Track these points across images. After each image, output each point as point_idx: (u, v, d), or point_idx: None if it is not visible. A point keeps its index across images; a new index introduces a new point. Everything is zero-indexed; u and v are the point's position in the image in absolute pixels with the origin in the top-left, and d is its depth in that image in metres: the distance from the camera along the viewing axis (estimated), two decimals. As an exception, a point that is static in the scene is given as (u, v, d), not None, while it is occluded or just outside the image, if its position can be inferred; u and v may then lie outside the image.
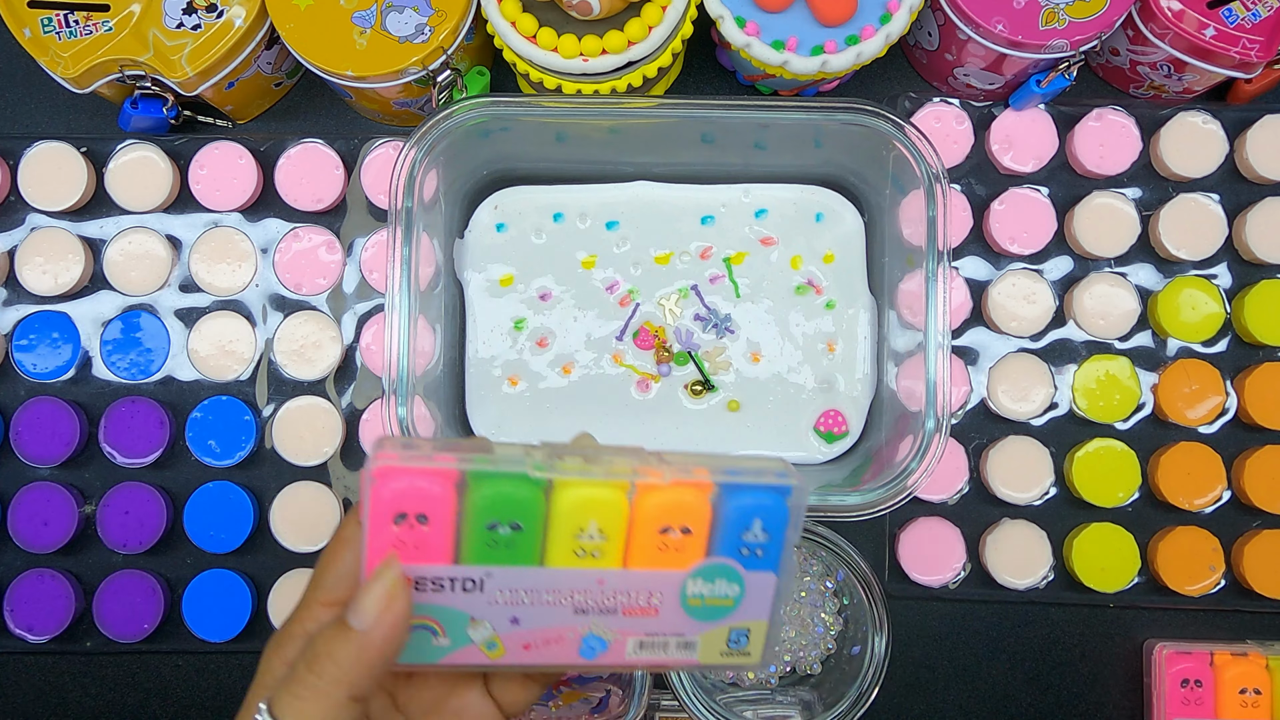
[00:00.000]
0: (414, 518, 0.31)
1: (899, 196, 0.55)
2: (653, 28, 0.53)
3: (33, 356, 0.61)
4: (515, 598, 0.33)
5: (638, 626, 0.34)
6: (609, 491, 0.33)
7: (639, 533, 0.33)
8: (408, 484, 0.31)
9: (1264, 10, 0.55)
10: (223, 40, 0.55)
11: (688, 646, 0.35)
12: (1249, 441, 0.61)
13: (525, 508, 0.32)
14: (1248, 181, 0.62)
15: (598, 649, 0.34)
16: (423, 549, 0.32)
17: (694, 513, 0.33)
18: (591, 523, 0.33)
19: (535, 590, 0.33)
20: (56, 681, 0.62)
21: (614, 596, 0.34)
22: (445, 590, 0.32)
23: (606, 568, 0.33)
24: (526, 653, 0.34)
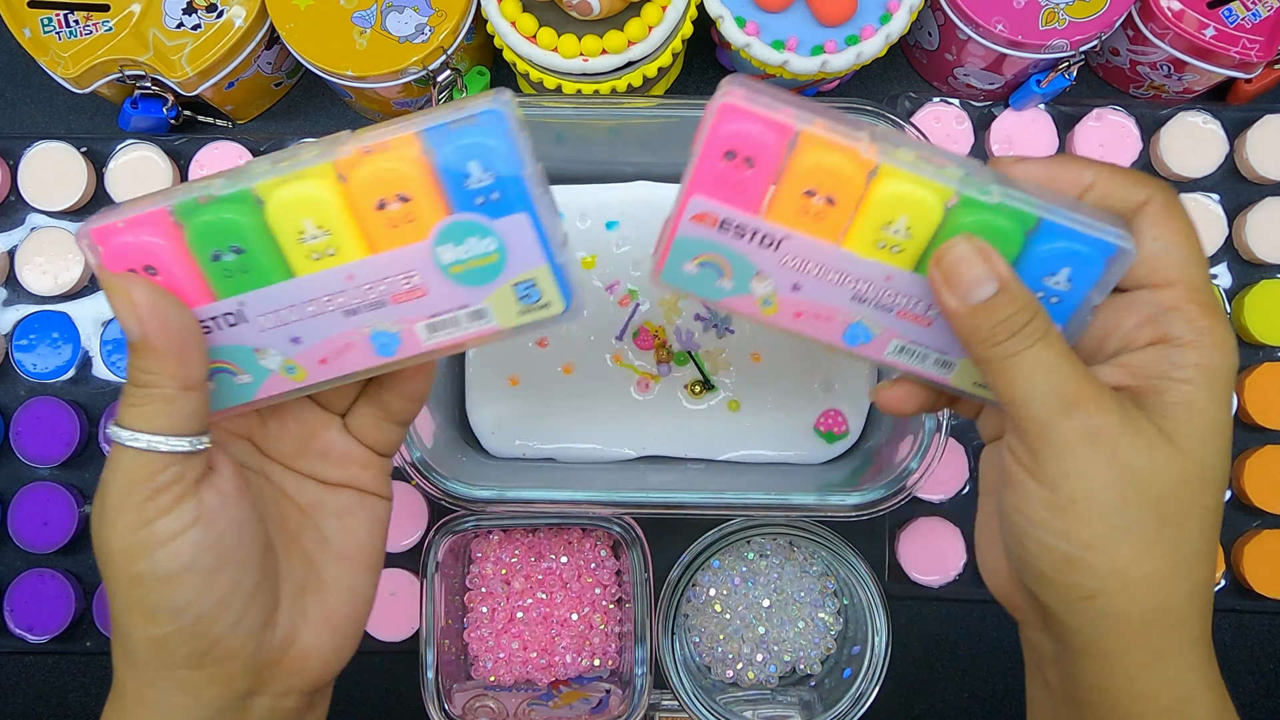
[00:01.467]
0: (142, 269, 0.31)
1: (899, 196, 0.55)
2: (653, 28, 0.53)
3: (33, 356, 0.61)
4: (280, 318, 0.32)
5: (414, 310, 0.33)
6: (314, 182, 0.31)
7: (361, 216, 0.31)
8: (132, 241, 0.31)
9: (1264, 10, 0.55)
10: (223, 40, 0.55)
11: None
12: (1249, 441, 0.61)
13: (233, 229, 0.31)
14: (1248, 181, 0.62)
15: (392, 344, 0.33)
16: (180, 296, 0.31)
17: (405, 177, 0.31)
18: (306, 221, 0.31)
19: (296, 305, 0.32)
20: (56, 681, 0.62)
21: (372, 287, 0.32)
22: (215, 330, 0.32)
23: (348, 261, 0.32)
24: (325, 366, 0.33)
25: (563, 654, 0.58)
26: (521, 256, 0.33)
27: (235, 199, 0.31)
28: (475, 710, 0.56)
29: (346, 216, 0.31)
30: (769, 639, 0.58)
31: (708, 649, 0.58)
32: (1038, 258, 0.32)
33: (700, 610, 0.58)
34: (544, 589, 0.58)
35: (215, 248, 0.31)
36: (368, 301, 0.32)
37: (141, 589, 0.30)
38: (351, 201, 0.31)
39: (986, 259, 0.31)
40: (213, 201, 0.31)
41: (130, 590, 0.30)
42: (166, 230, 0.31)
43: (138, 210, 0.31)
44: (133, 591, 0.30)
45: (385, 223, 0.31)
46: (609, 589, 0.59)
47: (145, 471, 0.30)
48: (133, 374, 0.30)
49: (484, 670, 0.58)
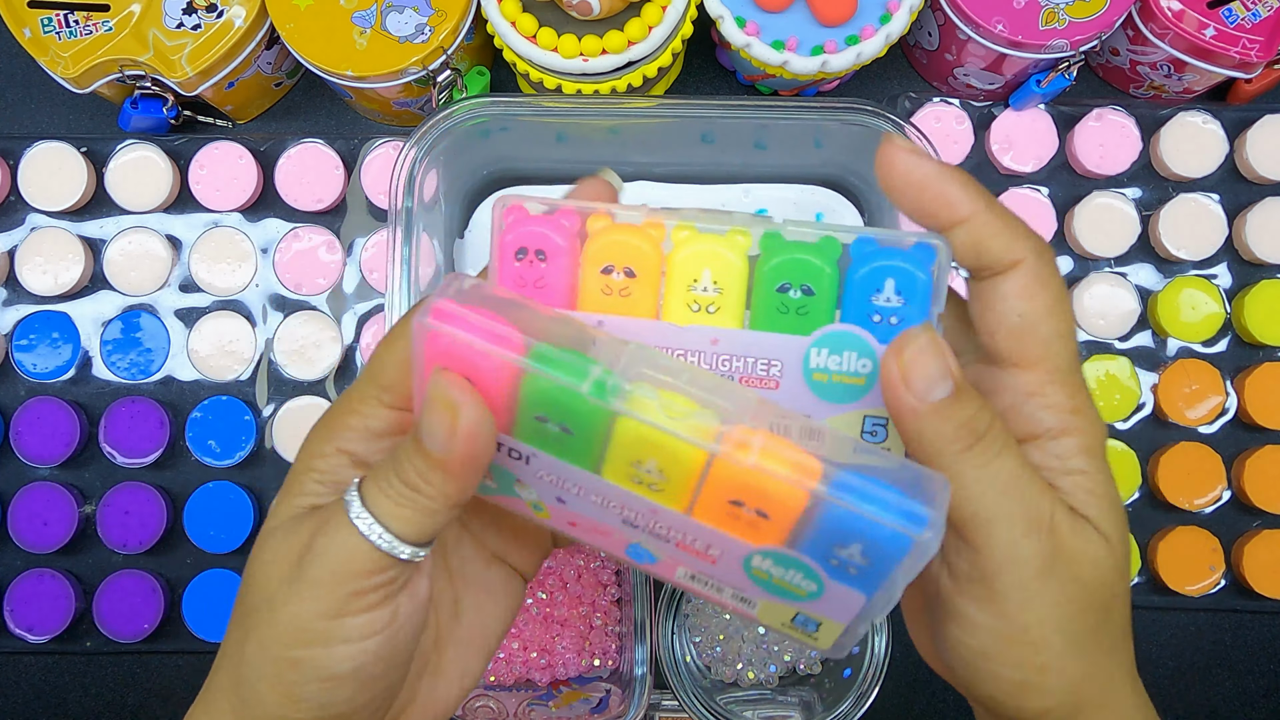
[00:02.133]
0: (461, 371, 0.27)
1: (899, 196, 0.55)
2: (653, 28, 0.53)
3: (33, 356, 0.61)
4: (562, 485, 0.29)
5: (690, 563, 0.30)
6: (680, 445, 0.26)
7: (708, 492, 0.27)
8: (461, 343, 0.27)
9: (1264, 10, 0.55)
10: (223, 40, 0.55)
11: (745, 602, 0.31)
12: (1249, 441, 0.61)
13: (576, 419, 0.27)
14: (1248, 181, 0.62)
15: (644, 559, 0.30)
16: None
17: (777, 505, 0.26)
18: (651, 460, 0.27)
19: (584, 488, 0.29)
20: (56, 681, 0.62)
21: (669, 531, 0.29)
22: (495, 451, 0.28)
23: (665, 505, 0.28)
24: (572, 529, 0.30)
25: (563, 654, 0.58)
26: (828, 610, 0.29)
27: (584, 401, 0.26)
28: (475, 710, 0.56)
29: (691, 484, 0.27)
30: (769, 639, 0.58)
31: (708, 649, 0.58)
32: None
33: (700, 610, 0.58)
34: (544, 589, 0.58)
35: (546, 413, 0.27)
36: (655, 532, 0.29)
37: (298, 674, 0.28)
38: (709, 479, 0.27)
39: (943, 355, 0.26)
40: (559, 388, 0.26)
41: (285, 671, 0.28)
42: (510, 355, 0.26)
43: (495, 316, 0.27)
44: (287, 673, 0.28)
45: (726, 510, 0.27)
46: (609, 588, 0.59)
47: (367, 566, 0.28)
48: (406, 472, 0.27)
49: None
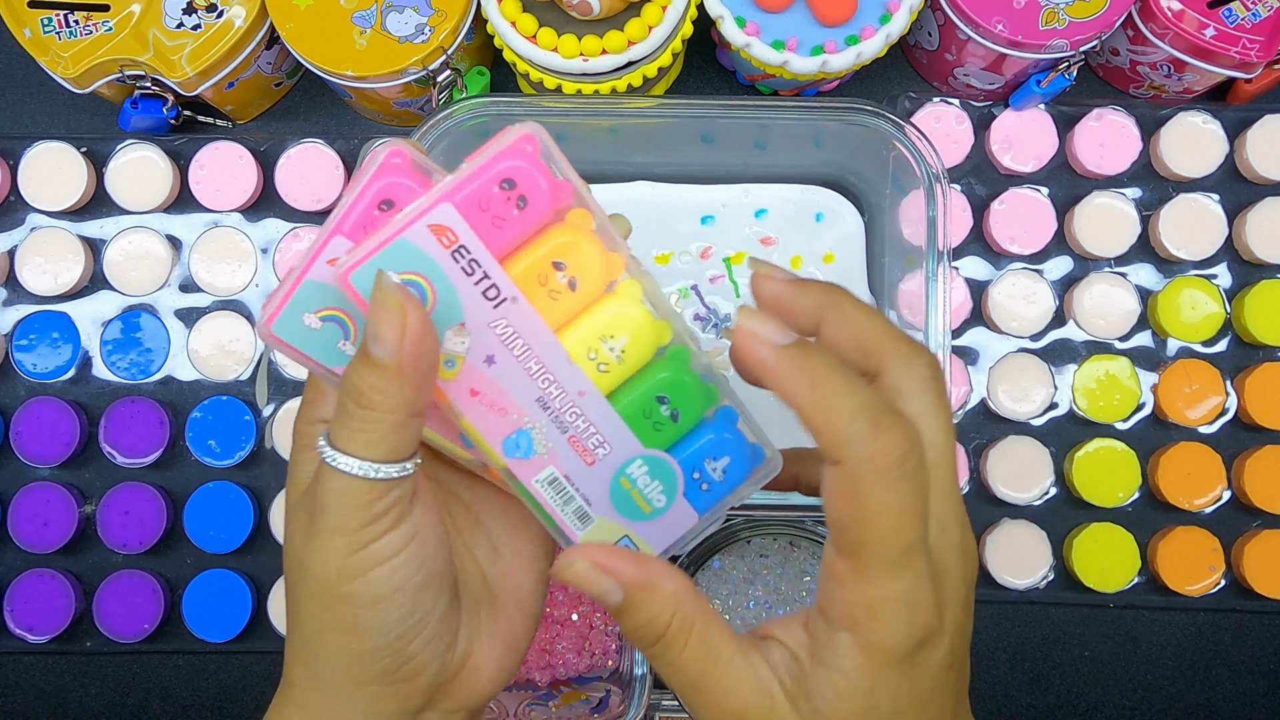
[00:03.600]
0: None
1: (899, 196, 0.55)
2: (653, 28, 0.53)
3: (33, 356, 0.61)
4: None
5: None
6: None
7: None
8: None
9: (1264, 10, 0.55)
10: (223, 40, 0.55)
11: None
12: (1249, 441, 0.61)
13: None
14: (1248, 181, 0.62)
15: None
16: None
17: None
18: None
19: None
20: (56, 681, 0.62)
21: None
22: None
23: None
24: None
25: (563, 654, 0.58)
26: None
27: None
28: (475, 710, 0.56)
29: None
30: (769, 639, 0.58)
31: (708, 649, 0.58)
32: (706, 438, 0.32)
33: (700, 610, 0.58)
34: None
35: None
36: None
37: (350, 608, 0.29)
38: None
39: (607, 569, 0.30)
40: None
41: (337, 609, 0.30)
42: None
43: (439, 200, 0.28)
44: (340, 611, 0.30)
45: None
46: (609, 589, 0.59)
47: (365, 498, 0.29)
48: (357, 392, 0.28)
49: (484, 670, 0.58)
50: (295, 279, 0.30)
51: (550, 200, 0.29)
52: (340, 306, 0.30)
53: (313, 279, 0.30)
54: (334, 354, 0.30)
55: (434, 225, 0.28)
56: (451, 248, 0.28)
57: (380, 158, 0.29)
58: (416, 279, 0.28)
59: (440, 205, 0.28)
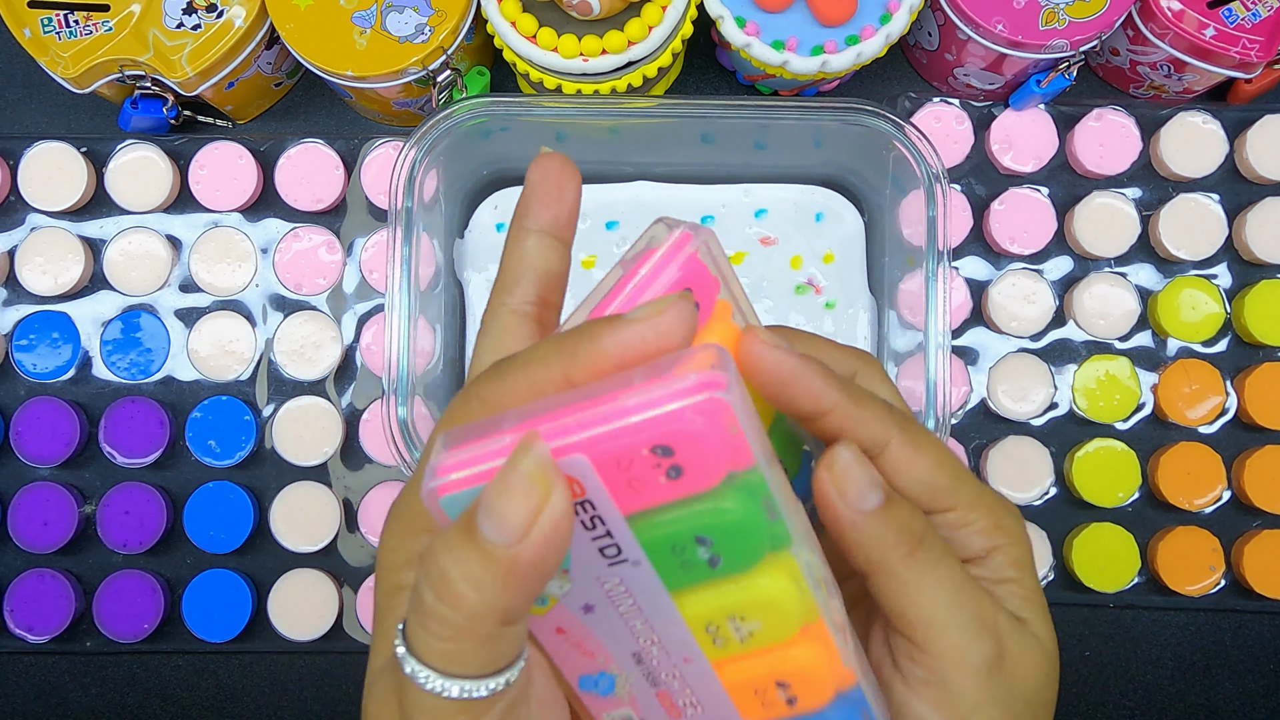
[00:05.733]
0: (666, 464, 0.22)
1: (899, 196, 0.55)
2: (653, 28, 0.53)
3: (33, 356, 0.61)
4: (618, 601, 0.25)
5: (648, 711, 0.27)
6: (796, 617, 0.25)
7: (762, 662, 0.26)
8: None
9: (1264, 10, 0.55)
10: (223, 40, 0.55)
11: None
12: (1249, 441, 0.61)
13: (744, 554, 0.24)
14: (1248, 181, 0.62)
15: (595, 687, 0.27)
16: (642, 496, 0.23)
17: (812, 696, 0.26)
18: (755, 622, 0.25)
19: (644, 613, 0.25)
20: (56, 681, 0.62)
21: (674, 678, 0.26)
22: (584, 526, 0.23)
23: (706, 656, 0.26)
24: (551, 634, 0.26)
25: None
26: None
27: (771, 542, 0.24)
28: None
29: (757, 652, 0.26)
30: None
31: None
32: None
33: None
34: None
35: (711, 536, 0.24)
36: (654, 676, 0.26)
37: None
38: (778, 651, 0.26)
39: (869, 466, 0.26)
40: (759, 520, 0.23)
41: None
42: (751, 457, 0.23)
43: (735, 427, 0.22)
44: None
45: (757, 688, 0.26)
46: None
47: (452, 714, 0.23)
48: (441, 578, 0.21)
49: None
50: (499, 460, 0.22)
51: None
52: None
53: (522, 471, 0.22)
54: None
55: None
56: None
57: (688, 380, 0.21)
58: None
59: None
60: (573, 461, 0.21)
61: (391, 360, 0.51)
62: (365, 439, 0.61)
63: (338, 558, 0.61)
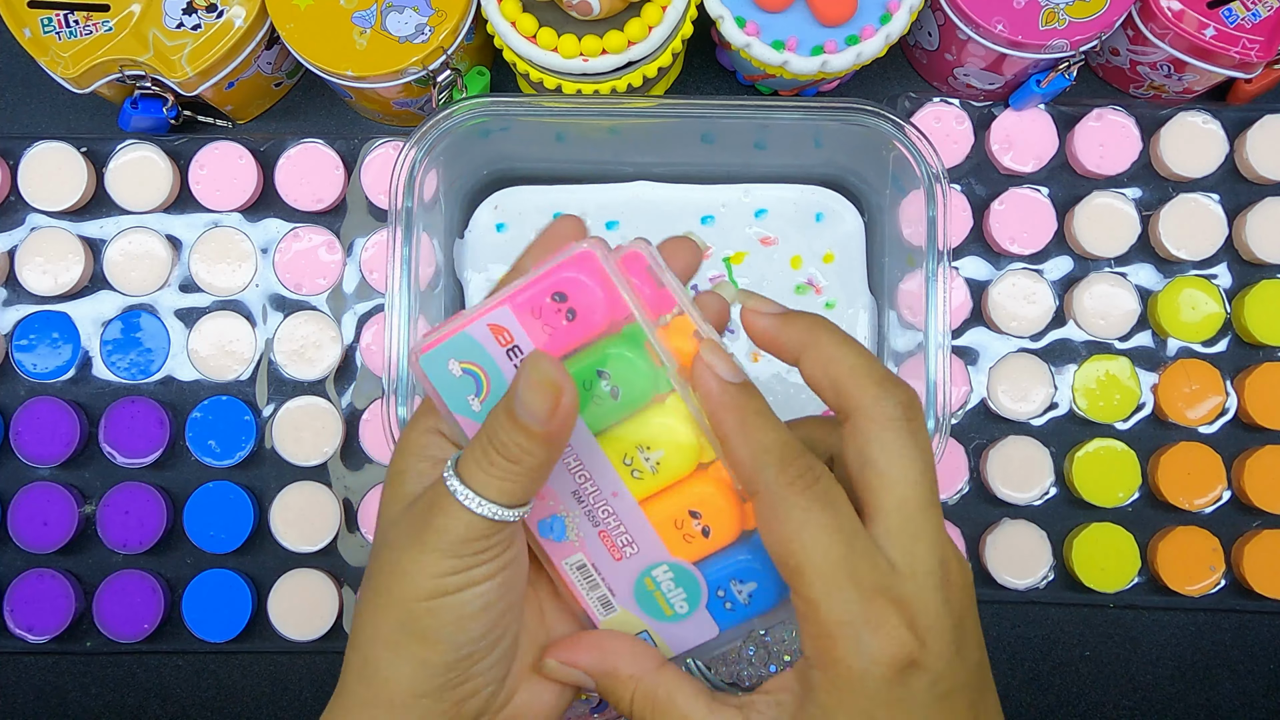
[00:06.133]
0: (564, 307, 0.31)
1: (899, 196, 0.55)
2: (653, 28, 0.53)
3: (33, 356, 0.61)
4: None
5: (595, 552, 0.33)
6: (692, 444, 0.32)
7: (675, 495, 0.32)
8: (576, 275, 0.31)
9: (1264, 10, 0.55)
10: (223, 40, 0.55)
11: (606, 605, 0.34)
12: (1249, 441, 0.61)
13: (635, 387, 0.31)
14: (1248, 181, 0.62)
15: (551, 533, 0.33)
16: (554, 337, 0.31)
17: (725, 528, 0.33)
18: (659, 450, 0.32)
19: (573, 445, 0.32)
20: (56, 681, 0.62)
21: (608, 515, 0.33)
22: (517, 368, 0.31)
23: (629, 490, 0.32)
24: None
25: (563, 654, 0.58)
26: (675, 636, 0.34)
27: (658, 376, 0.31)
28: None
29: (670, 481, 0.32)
30: (769, 639, 0.58)
31: (708, 649, 0.58)
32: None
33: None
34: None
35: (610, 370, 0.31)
36: (592, 515, 0.33)
37: (434, 619, 0.31)
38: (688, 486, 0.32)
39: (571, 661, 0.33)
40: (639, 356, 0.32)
41: (422, 619, 0.31)
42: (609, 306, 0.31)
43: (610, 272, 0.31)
44: (424, 620, 0.31)
45: (675, 519, 0.33)
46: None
47: (481, 532, 0.30)
48: (503, 443, 0.30)
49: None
50: (455, 326, 0.32)
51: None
52: (481, 364, 0.32)
53: (468, 333, 0.32)
54: (462, 404, 0.33)
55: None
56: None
57: (570, 251, 0.31)
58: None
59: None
60: (500, 313, 0.31)
61: (391, 360, 0.51)
62: (365, 439, 0.61)
63: (338, 558, 0.61)
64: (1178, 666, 0.62)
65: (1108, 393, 0.61)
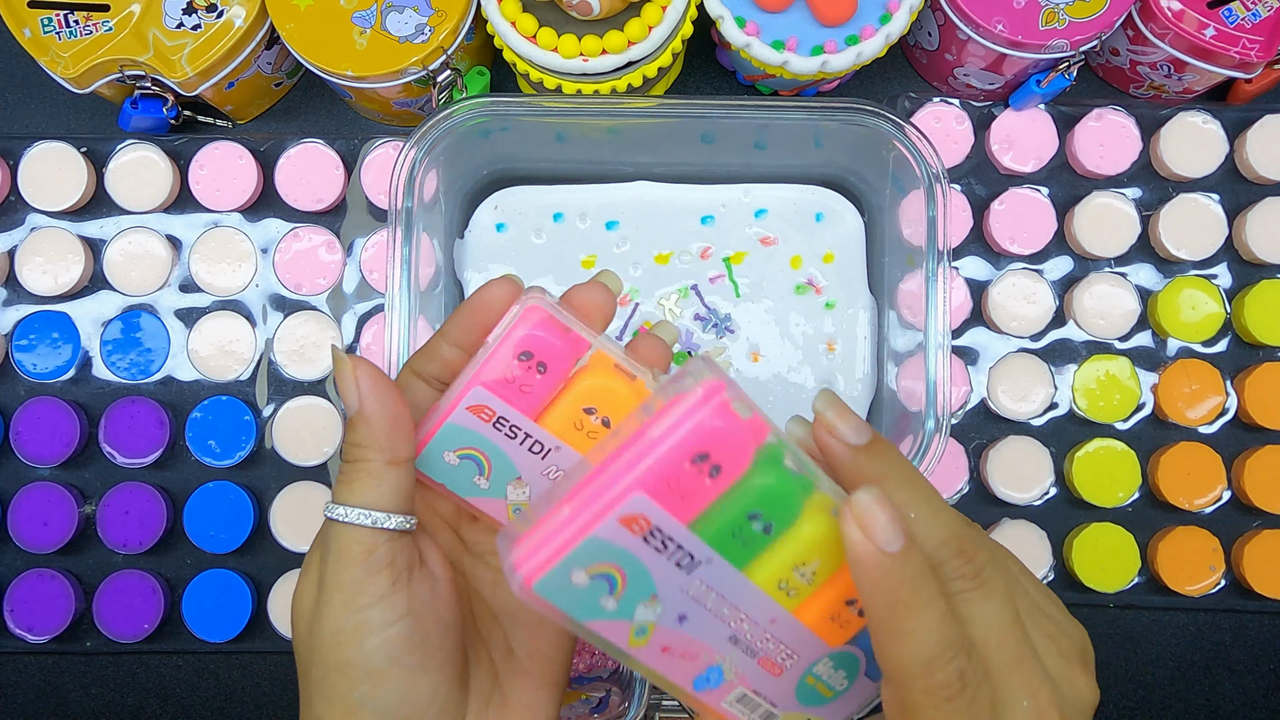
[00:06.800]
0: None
1: (899, 196, 0.55)
2: (653, 28, 0.53)
3: (33, 356, 0.61)
4: (704, 598, 0.29)
5: (755, 679, 0.32)
6: (836, 540, 0.29)
7: (829, 593, 0.30)
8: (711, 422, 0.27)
9: (1264, 10, 0.55)
10: (223, 40, 0.55)
11: (770, 717, 0.33)
12: (1249, 441, 0.61)
13: (787, 513, 0.28)
14: (1248, 181, 0.62)
15: (708, 684, 0.31)
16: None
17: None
18: (815, 562, 0.29)
19: (728, 597, 0.29)
20: (56, 681, 0.62)
21: (767, 641, 0.31)
22: (657, 550, 0.27)
23: (786, 609, 0.30)
24: (660, 655, 0.30)
25: (563, 654, 0.58)
26: (839, 708, 0.33)
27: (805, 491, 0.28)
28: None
29: (827, 579, 0.30)
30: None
31: (708, 649, 0.58)
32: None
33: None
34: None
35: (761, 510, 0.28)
36: (752, 646, 0.31)
37: (346, 681, 0.30)
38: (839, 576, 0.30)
39: (892, 509, 0.28)
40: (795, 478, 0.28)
41: (335, 681, 0.31)
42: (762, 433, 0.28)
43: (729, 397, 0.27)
44: (337, 683, 0.30)
45: (833, 612, 0.31)
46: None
47: (359, 549, 0.30)
48: (347, 450, 0.31)
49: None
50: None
51: (570, 358, 0.32)
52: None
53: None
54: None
55: (471, 407, 0.32)
56: (491, 420, 0.32)
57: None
58: (472, 453, 0.32)
59: (473, 389, 0.32)
60: (633, 502, 0.26)
61: (391, 360, 0.51)
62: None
63: (338, 558, 0.61)
64: (1178, 666, 0.62)
65: (1108, 393, 0.61)
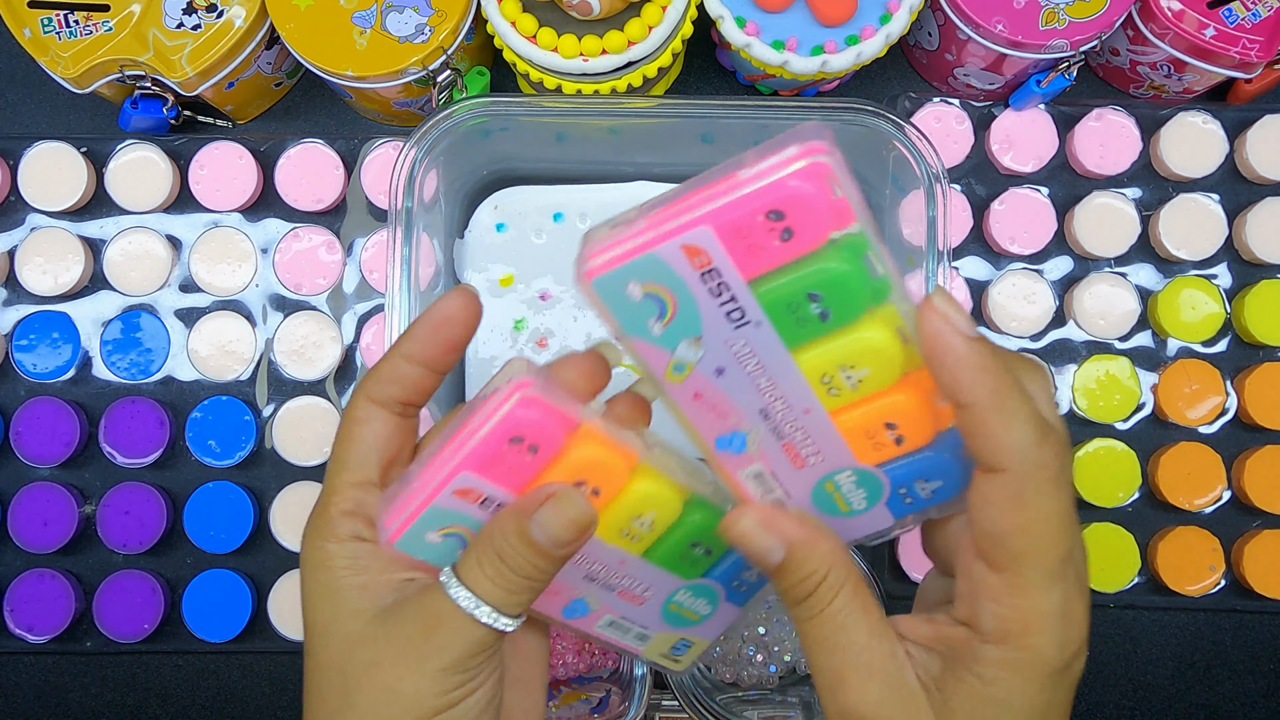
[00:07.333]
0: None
1: (899, 196, 0.55)
2: (653, 28, 0.53)
3: (33, 356, 0.61)
4: (744, 355, 0.30)
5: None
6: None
7: (872, 408, 0.30)
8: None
9: (1264, 10, 0.55)
10: (223, 40, 0.55)
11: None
12: (1249, 441, 0.61)
13: (850, 306, 0.28)
14: (1248, 181, 0.62)
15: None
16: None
17: (921, 434, 0.31)
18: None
19: (767, 366, 0.30)
20: (56, 681, 0.62)
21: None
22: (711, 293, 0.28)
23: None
24: (690, 400, 0.31)
25: (563, 654, 0.58)
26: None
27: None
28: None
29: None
30: (769, 639, 0.58)
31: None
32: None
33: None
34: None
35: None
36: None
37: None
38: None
39: (770, 526, 0.31)
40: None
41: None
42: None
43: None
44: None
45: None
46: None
47: (485, 645, 0.30)
48: (516, 559, 0.30)
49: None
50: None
51: (556, 437, 0.30)
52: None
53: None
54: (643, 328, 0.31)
55: (459, 491, 0.30)
56: (478, 502, 0.30)
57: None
58: (460, 532, 0.31)
59: (461, 475, 0.29)
60: (699, 234, 0.26)
61: (391, 360, 0.51)
62: (365, 439, 0.61)
63: (338, 558, 0.61)
64: (1178, 666, 0.62)
65: (1108, 393, 0.61)
